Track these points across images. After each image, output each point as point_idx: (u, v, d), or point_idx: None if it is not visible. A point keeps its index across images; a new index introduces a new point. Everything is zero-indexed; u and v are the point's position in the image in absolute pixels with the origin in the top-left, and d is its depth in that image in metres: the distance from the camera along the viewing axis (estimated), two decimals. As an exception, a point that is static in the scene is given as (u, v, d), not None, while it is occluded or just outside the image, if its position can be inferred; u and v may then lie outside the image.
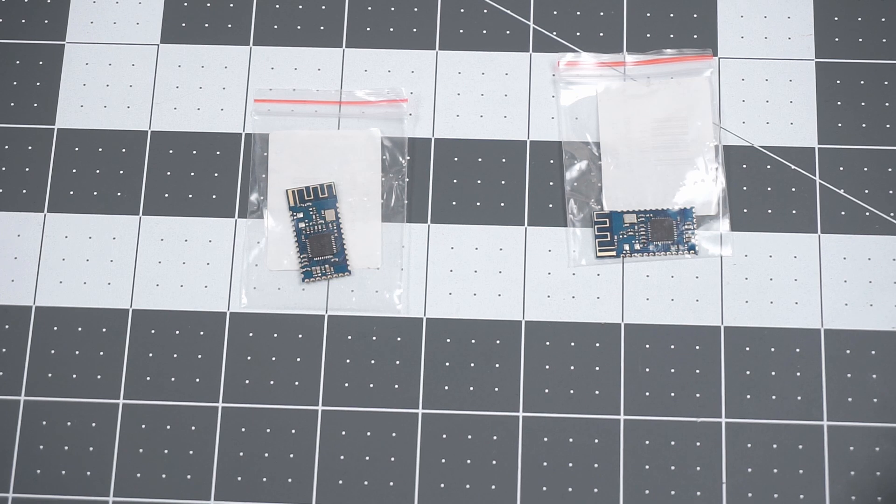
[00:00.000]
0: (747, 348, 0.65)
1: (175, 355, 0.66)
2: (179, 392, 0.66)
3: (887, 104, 0.68)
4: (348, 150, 0.68)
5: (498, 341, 0.66)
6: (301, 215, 0.67)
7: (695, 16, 0.70)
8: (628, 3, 0.70)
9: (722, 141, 0.68)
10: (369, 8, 0.71)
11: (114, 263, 0.67)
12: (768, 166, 0.68)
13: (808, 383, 0.65)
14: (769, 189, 0.68)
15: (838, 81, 0.69)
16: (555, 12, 0.70)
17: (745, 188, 0.68)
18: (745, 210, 0.67)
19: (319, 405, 0.65)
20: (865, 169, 0.68)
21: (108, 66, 0.70)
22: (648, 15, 0.70)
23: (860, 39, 0.69)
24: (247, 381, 0.66)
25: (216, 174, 0.68)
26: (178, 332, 0.66)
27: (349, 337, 0.66)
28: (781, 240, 0.67)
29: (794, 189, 0.67)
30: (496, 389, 0.65)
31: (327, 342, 0.66)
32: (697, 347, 0.66)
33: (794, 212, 0.67)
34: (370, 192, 0.68)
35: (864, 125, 0.68)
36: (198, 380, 0.66)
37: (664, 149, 0.68)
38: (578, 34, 0.70)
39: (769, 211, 0.67)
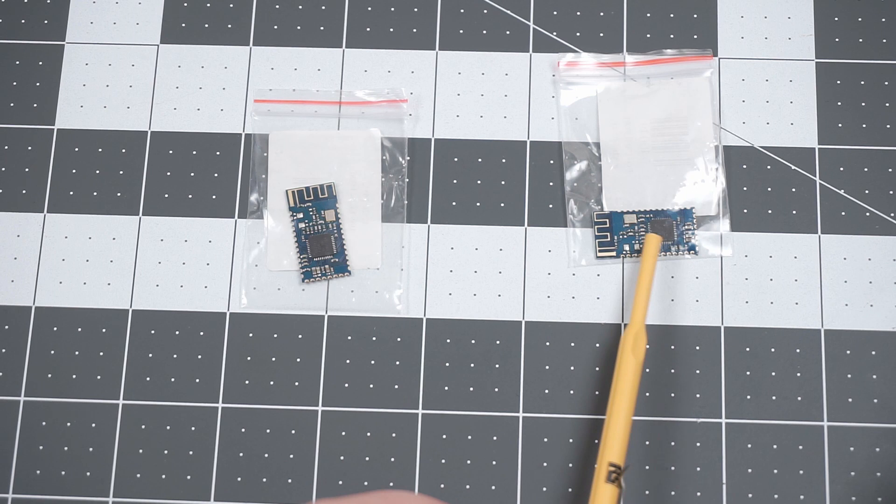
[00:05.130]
0: (747, 349, 0.65)
1: (175, 356, 0.66)
2: (179, 392, 0.66)
3: (887, 104, 0.68)
4: (348, 151, 0.68)
5: (498, 342, 0.66)
6: (301, 215, 0.67)
7: (695, 16, 0.70)
8: (628, 3, 0.70)
9: (722, 141, 0.68)
10: (369, 8, 0.71)
11: (114, 264, 0.67)
12: (768, 167, 0.68)
13: (808, 384, 0.65)
14: (769, 189, 0.68)
15: (838, 82, 0.69)
16: (555, 12, 0.70)
17: (745, 188, 0.68)
18: (745, 210, 0.67)
19: (319, 405, 0.65)
20: (866, 169, 0.68)
21: (108, 66, 0.70)
22: (648, 15, 0.70)
23: (860, 39, 0.69)
24: (247, 382, 0.66)
25: (216, 174, 0.68)
26: (177, 333, 0.66)
27: (349, 337, 0.66)
28: (781, 240, 0.67)
29: (794, 189, 0.67)
30: (496, 390, 0.65)
31: (327, 342, 0.66)
32: (697, 348, 0.66)
33: (794, 212, 0.67)
34: (370, 192, 0.68)
35: (864, 125, 0.68)
36: (198, 380, 0.66)
37: (664, 149, 0.68)
38: (578, 34, 0.70)
39: (769, 211, 0.67)
